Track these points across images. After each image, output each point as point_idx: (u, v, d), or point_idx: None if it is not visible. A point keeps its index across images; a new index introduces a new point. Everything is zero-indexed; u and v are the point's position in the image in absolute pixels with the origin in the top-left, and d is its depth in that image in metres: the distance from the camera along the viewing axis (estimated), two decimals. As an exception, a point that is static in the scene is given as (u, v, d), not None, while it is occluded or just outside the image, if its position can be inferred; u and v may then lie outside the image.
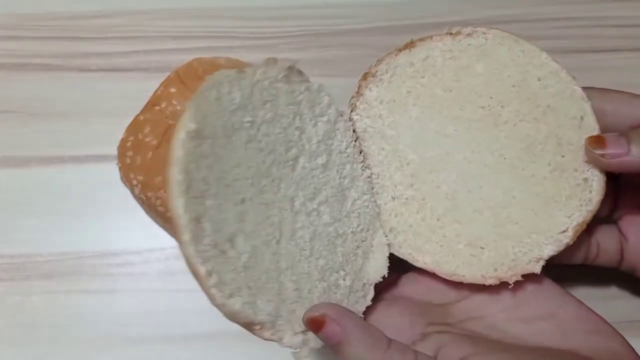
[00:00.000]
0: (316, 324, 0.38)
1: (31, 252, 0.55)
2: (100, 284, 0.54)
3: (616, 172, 0.43)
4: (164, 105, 0.52)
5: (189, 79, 0.53)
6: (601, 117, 0.44)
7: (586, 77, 0.46)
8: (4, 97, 0.59)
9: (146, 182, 0.51)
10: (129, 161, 0.52)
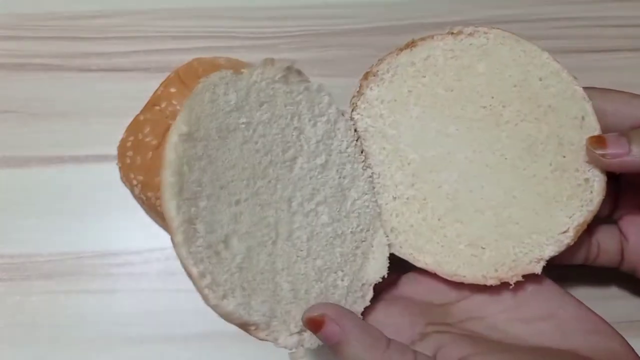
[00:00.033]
0: (315, 324, 0.38)
1: (31, 252, 0.55)
2: (100, 284, 0.54)
3: (617, 172, 0.43)
4: (164, 105, 0.52)
5: (189, 79, 0.53)
6: (602, 117, 0.44)
7: (586, 77, 0.46)
8: (4, 97, 0.59)
9: (146, 182, 0.51)
10: (129, 161, 0.52)
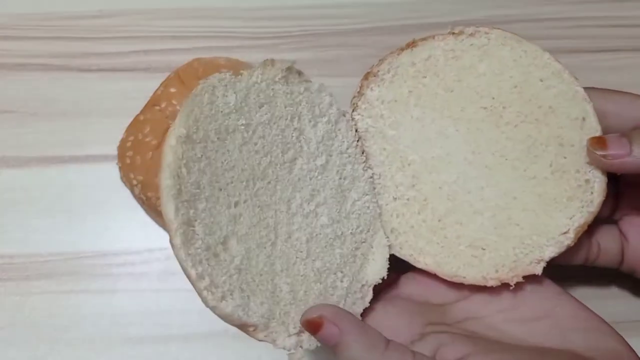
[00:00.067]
0: (314, 326, 0.38)
1: (31, 252, 0.55)
2: (100, 284, 0.54)
3: (618, 173, 0.43)
4: (164, 105, 0.52)
5: (189, 79, 0.53)
6: (602, 118, 0.44)
7: (586, 77, 0.45)
8: (4, 97, 0.59)
9: (146, 182, 0.51)
10: (129, 161, 0.52)
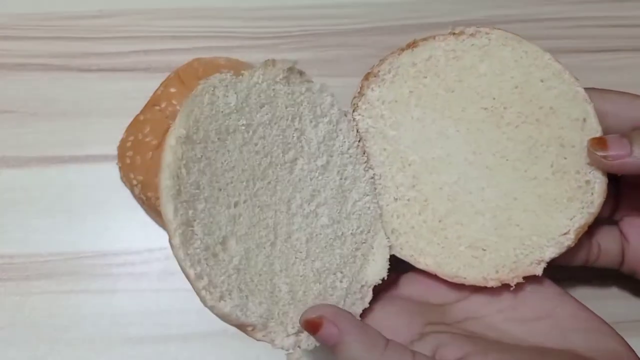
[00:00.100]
0: (313, 326, 0.38)
1: (31, 252, 0.55)
2: (100, 284, 0.54)
3: (618, 173, 0.43)
4: (164, 105, 0.52)
5: (189, 79, 0.53)
6: (602, 118, 0.44)
7: (586, 77, 0.46)
8: (4, 97, 0.59)
9: (146, 182, 0.51)
10: (129, 161, 0.52)
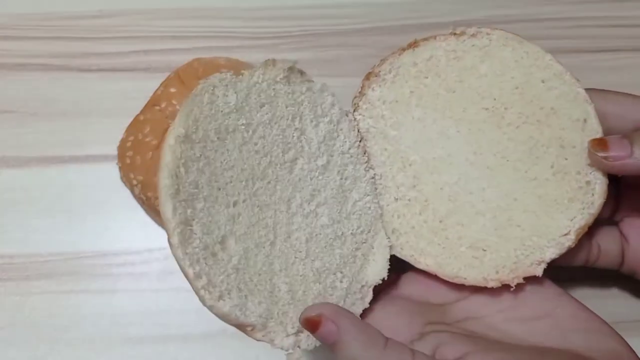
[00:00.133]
0: (312, 324, 0.38)
1: (31, 252, 0.55)
2: (100, 284, 0.54)
3: (619, 174, 0.43)
4: (164, 105, 0.52)
5: (189, 79, 0.53)
6: (603, 119, 0.44)
7: (586, 77, 0.45)
8: (4, 97, 0.59)
9: (146, 182, 0.51)
10: (129, 161, 0.52)
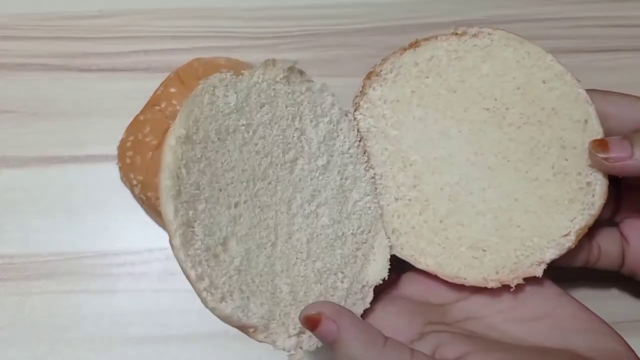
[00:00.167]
0: (312, 322, 0.38)
1: (31, 252, 0.55)
2: (100, 284, 0.54)
3: (619, 175, 0.43)
4: (164, 105, 0.52)
5: (189, 79, 0.53)
6: (603, 120, 0.44)
7: (586, 77, 0.45)
8: (4, 97, 0.59)
9: (146, 182, 0.51)
10: (129, 161, 0.52)
